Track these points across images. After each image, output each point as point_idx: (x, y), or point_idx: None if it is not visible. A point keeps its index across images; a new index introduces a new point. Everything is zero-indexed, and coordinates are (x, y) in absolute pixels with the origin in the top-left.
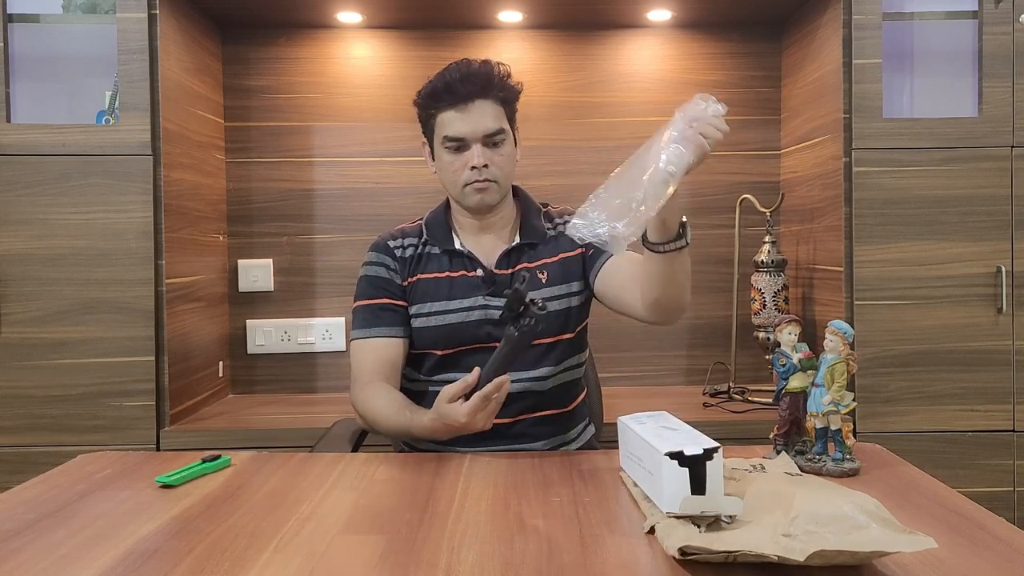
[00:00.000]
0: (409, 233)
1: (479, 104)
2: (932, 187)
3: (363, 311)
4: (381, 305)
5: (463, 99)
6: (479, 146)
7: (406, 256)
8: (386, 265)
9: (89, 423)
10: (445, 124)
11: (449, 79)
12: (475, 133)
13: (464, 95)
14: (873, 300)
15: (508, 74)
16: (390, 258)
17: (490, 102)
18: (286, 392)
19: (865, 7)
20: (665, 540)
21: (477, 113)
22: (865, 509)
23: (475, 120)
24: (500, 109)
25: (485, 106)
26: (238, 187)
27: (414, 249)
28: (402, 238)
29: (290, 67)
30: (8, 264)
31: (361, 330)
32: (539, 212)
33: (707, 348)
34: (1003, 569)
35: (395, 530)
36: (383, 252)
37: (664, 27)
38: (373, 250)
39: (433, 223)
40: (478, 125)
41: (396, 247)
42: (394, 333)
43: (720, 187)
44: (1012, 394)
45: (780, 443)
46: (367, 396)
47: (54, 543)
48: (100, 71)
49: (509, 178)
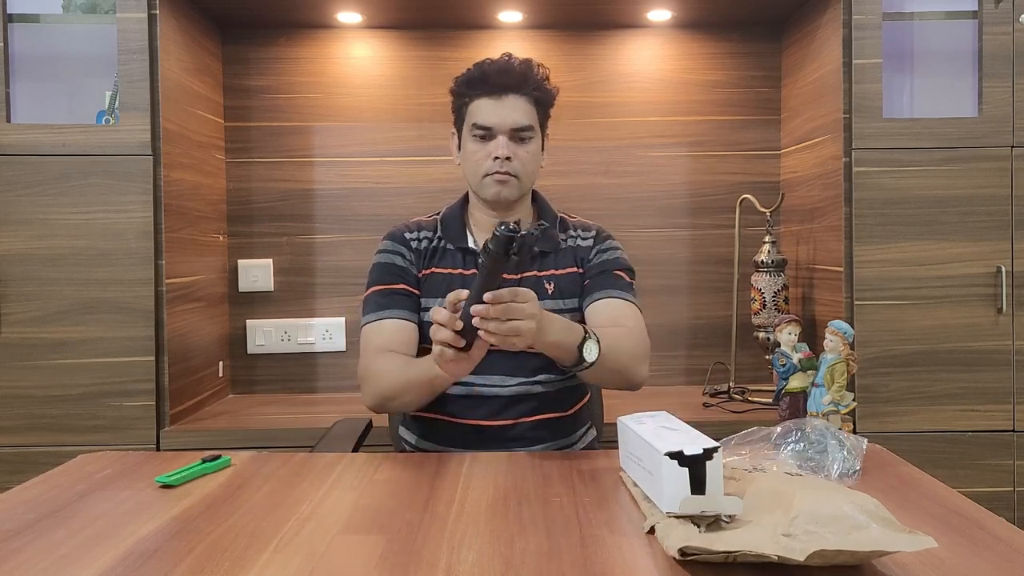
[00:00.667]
0: (425, 226)
1: (512, 98)
2: (932, 187)
3: (376, 296)
4: (395, 290)
5: (498, 90)
6: (505, 138)
7: (421, 248)
8: (402, 254)
9: (89, 423)
10: (476, 112)
11: (488, 69)
12: (503, 124)
13: (500, 86)
14: (873, 300)
15: (547, 76)
16: (406, 248)
17: (524, 99)
18: (286, 392)
19: (865, 7)
20: (665, 540)
21: (509, 106)
22: (865, 509)
23: (506, 112)
24: (532, 108)
25: (518, 101)
26: (238, 187)
27: (428, 242)
28: (418, 231)
29: (290, 67)
30: (8, 264)
31: (373, 314)
32: (555, 220)
33: (707, 348)
34: (1003, 569)
35: (395, 530)
36: (399, 242)
37: (664, 27)
38: (388, 239)
39: (449, 219)
40: (507, 117)
41: (412, 239)
42: (408, 316)
43: (720, 187)
44: (1012, 394)
45: None
46: (372, 362)
47: (54, 543)
48: (100, 71)
49: (531, 177)
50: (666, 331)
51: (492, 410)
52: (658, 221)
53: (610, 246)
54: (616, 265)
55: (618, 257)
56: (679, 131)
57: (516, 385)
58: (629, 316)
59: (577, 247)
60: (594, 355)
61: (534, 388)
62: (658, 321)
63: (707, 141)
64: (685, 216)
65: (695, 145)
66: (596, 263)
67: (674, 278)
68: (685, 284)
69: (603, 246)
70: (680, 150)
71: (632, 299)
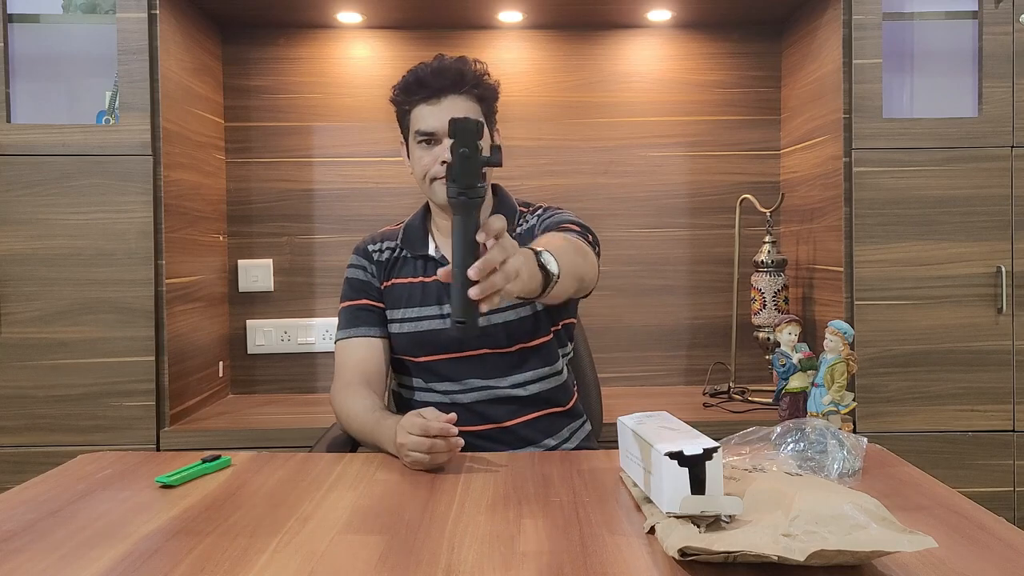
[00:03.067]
0: (388, 236)
1: (452, 99)
2: (932, 187)
3: (345, 312)
4: (360, 306)
5: (435, 93)
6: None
7: (383, 259)
8: (364, 268)
9: (89, 423)
10: (418, 118)
11: (421, 74)
12: (445, 127)
13: (436, 89)
14: (873, 300)
15: (484, 72)
16: (367, 261)
17: (463, 98)
18: (286, 392)
19: (865, 7)
20: (665, 540)
21: (449, 108)
22: (865, 509)
23: (445, 114)
24: (475, 106)
25: (458, 101)
26: (238, 187)
27: (391, 252)
28: (381, 241)
29: (290, 67)
30: (8, 264)
31: (343, 331)
32: (514, 213)
33: (707, 348)
34: (1003, 569)
35: (395, 530)
36: (362, 256)
37: (664, 27)
38: (355, 253)
39: (410, 228)
40: (448, 119)
41: (374, 251)
42: (374, 333)
43: (720, 187)
44: (1012, 394)
45: None
46: (344, 396)
47: (54, 543)
48: (100, 71)
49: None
50: (666, 331)
51: (488, 412)
52: (658, 221)
53: (556, 210)
54: (563, 219)
55: (565, 216)
56: (679, 131)
57: (499, 389)
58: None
59: (530, 227)
60: (555, 264)
61: (517, 391)
62: (658, 321)
63: (707, 141)
64: (685, 216)
65: (695, 145)
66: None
67: (674, 278)
68: (685, 284)
69: (548, 213)
70: (680, 150)
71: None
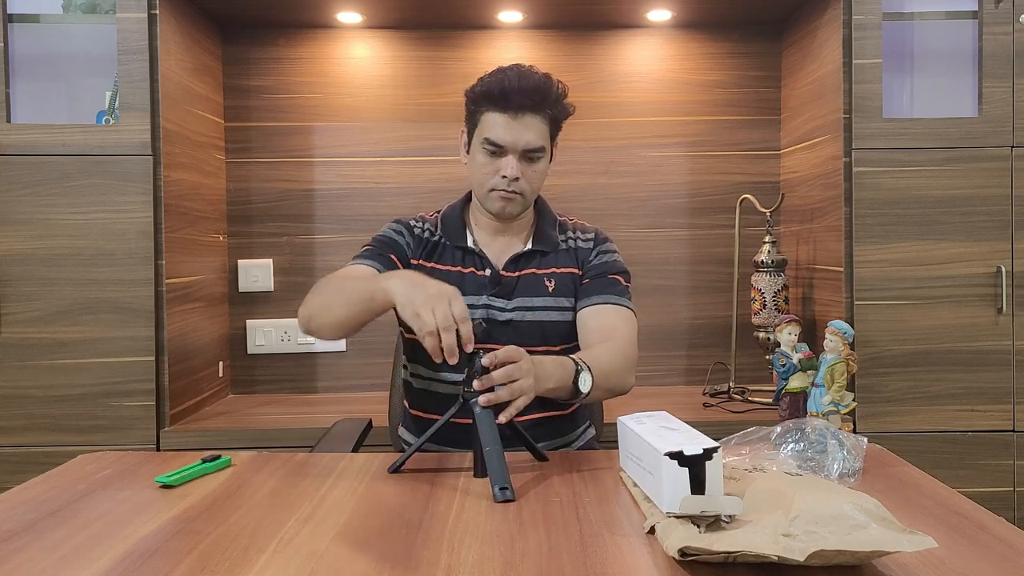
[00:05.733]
0: (428, 221)
1: (528, 118)
2: (932, 187)
3: (364, 251)
4: (385, 255)
5: (515, 109)
6: (515, 158)
7: (423, 237)
8: (402, 234)
9: (89, 423)
10: (489, 126)
11: (508, 87)
12: (515, 144)
13: (517, 105)
14: (873, 300)
15: (565, 94)
16: (407, 231)
17: (539, 118)
18: (286, 392)
19: (865, 7)
20: (665, 540)
21: (524, 126)
22: (865, 509)
23: (520, 132)
24: (547, 128)
25: (534, 121)
26: (238, 187)
27: (430, 235)
28: (422, 222)
29: (290, 67)
30: (8, 264)
31: (354, 260)
32: (554, 223)
33: (707, 348)
34: (1003, 569)
35: (395, 530)
36: (402, 225)
37: (664, 27)
38: (394, 222)
39: (449, 219)
40: (520, 138)
41: (415, 225)
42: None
43: (720, 187)
44: (1012, 394)
45: None
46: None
47: (54, 543)
48: (100, 71)
49: (536, 192)
50: (666, 331)
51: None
52: (658, 221)
53: (608, 248)
54: (614, 268)
55: (616, 260)
56: (679, 131)
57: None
58: (620, 324)
59: (578, 248)
60: (589, 385)
61: None
62: (658, 321)
63: (707, 141)
64: (685, 216)
65: (695, 145)
66: (595, 264)
67: (674, 278)
68: (685, 284)
69: (603, 247)
70: (680, 150)
71: (627, 304)
